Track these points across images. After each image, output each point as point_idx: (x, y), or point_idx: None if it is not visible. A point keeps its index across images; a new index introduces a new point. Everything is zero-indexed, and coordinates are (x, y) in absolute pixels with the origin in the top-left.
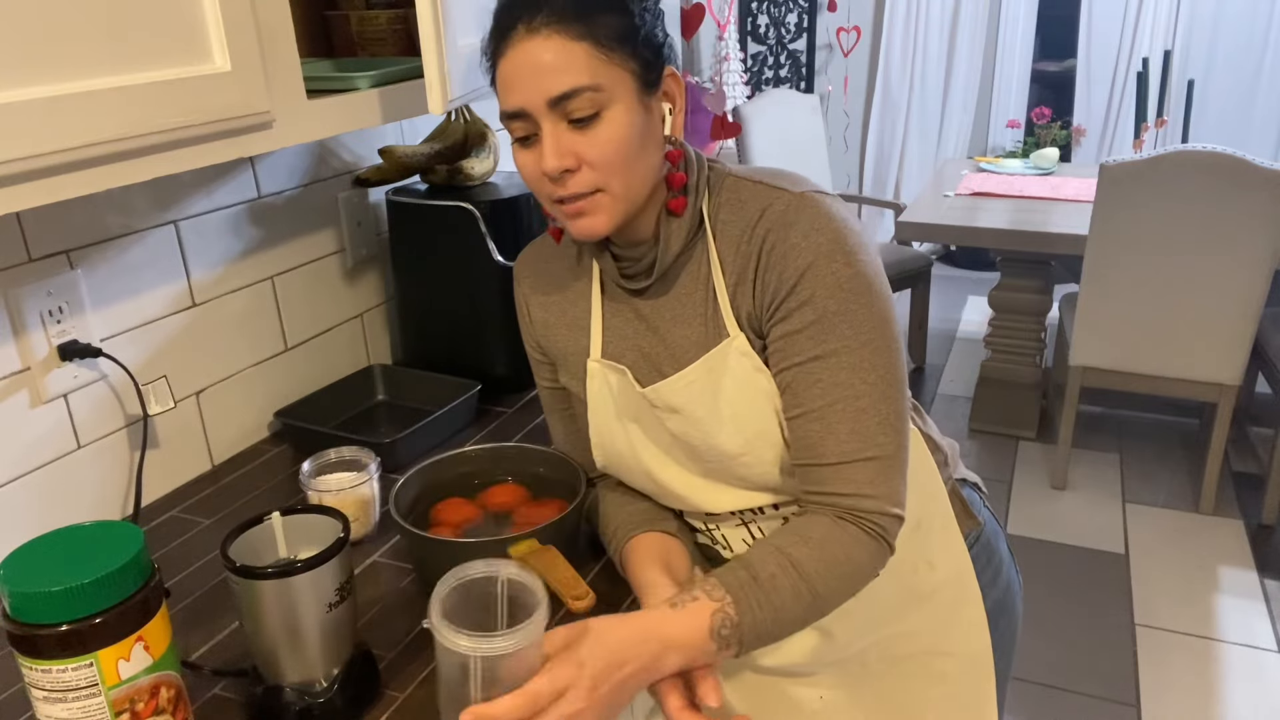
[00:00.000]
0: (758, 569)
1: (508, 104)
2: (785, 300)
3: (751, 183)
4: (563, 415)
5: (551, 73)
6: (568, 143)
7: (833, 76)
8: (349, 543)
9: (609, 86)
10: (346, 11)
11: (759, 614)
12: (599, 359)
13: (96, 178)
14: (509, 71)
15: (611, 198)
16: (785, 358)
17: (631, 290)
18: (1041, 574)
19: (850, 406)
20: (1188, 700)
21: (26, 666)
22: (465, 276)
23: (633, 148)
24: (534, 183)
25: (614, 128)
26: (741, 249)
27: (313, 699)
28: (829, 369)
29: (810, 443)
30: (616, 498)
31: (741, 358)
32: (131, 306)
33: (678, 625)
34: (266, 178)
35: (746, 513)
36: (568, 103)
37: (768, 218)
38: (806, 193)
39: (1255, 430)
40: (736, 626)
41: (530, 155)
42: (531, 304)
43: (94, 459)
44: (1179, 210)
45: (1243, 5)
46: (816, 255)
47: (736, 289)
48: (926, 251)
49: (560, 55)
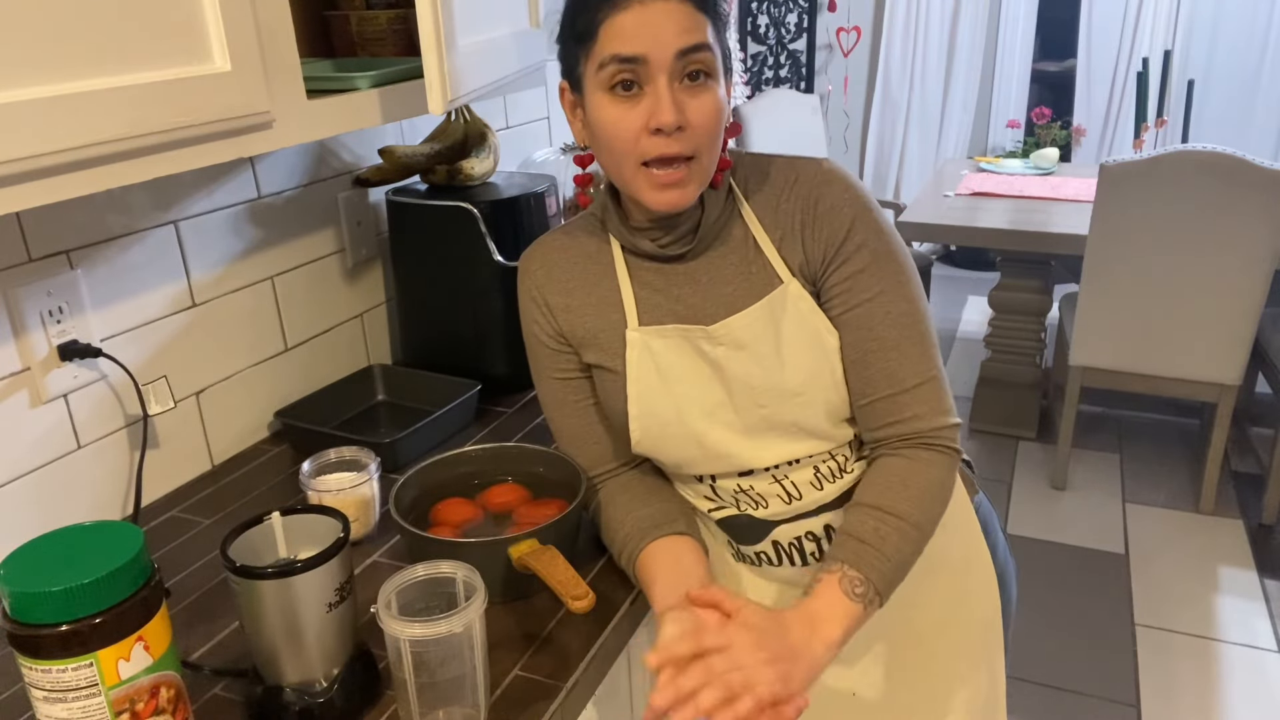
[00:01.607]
0: (859, 530)
1: (628, 49)
2: (843, 246)
3: (769, 157)
4: (575, 408)
5: (683, 30)
6: (679, 101)
7: (833, 76)
8: (349, 543)
9: (719, 57)
10: (346, 11)
11: (879, 565)
12: (638, 328)
13: (96, 178)
14: (634, 21)
15: (701, 169)
16: (852, 296)
17: (668, 257)
18: (1041, 574)
19: (915, 332)
20: (1188, 700)
21: (26, 666)
22: (465, 276)
23: (722, 120)
24: (629, 138)
25: (715, 96)
26: (782, 208)
27: (313, 699)
28: (894, 300)
29: (890, 370)
30: (622, 503)
31: (798, 300)
32: (131, 306)
33: (814, 600)
34: (266, 178)
35: (780, 467)
36: (693, 56)
37: (803, 181)
38: (826, 161)
39: (1255, 430)
40: (865, 581)
41: (627, 109)
42: (549, 293)
43: (94, 459)
44: (1179, 210)
45: (1243, 5)
46: (858, 208)
47: (783, 243)
48: (926, 251)
49: (690, 18)
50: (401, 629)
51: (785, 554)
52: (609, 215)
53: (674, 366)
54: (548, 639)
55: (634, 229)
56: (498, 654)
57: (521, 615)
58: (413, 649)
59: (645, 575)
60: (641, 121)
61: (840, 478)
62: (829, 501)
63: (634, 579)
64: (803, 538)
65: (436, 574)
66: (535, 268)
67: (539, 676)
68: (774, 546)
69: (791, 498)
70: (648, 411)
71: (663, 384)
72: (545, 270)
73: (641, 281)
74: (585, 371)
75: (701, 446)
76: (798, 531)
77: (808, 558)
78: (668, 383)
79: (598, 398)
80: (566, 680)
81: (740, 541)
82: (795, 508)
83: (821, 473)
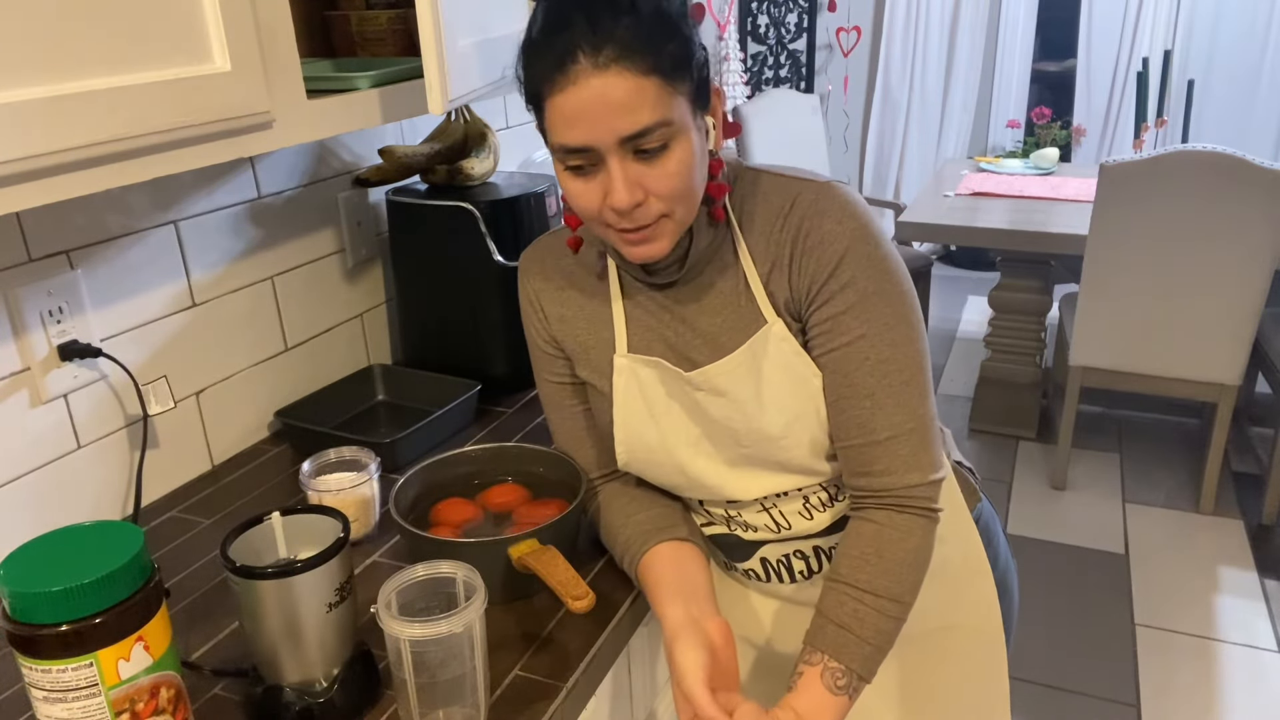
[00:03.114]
0: (837, 615)
1: (572, 139)
2: (826, 284)
3: (771, 175)
4: (571, 411)
5: (623, 111)
6: (634, 175)
7: (833, 76)
8: (349, 543)
9: (676, 119)
10: (346, 11)
11: (860, 650)
12: (626, 354)
13: (96, 178)
14: (573, 107)
15: (674, 223)
16: (831, 338)
17: (657, 284)
18: (1041, 574)
19: (895, 380)
20: (1188, 700)
21: (26, 666)
22: (465, 276)
23: (696, 174)
24: (591, 213)
25: (680, 158)
26: (774, 237)
27: (313, 699)
28: (874, 346)
29: (861, 420)
30: (622, 506)
31: (781, 342)
32: (131, 306)
33: (801, 701)
34: (266, 178)
35: (769, 497)
36: (640, 140)
37: (799, 207)
38: (830, 182)
39: (1255, 430)
40: (847, 671)
41: (587, 186)
42: (544, 299)
43: (94, 459)
44: (1179, 210)
45: (1243, 5)
46: (851, 240)
47: (770, 276)
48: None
49: (632, 93)
50: (401, 629)
51: (774, 571)
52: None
53: (660, 398)
54: (548, 639)
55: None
56: (498, 654)
57: (521, 615)
58: (413, 649)
59: (648, 581)
60: (600, 198)
61: (831, 506)
62: (819, 530)
63: (636, 583)
64: (791, 555)
65: (436, 574)
66: (534, 271)
67: (539, 676)
68: (762, 564)
69: (780, 527)
70: (633, 436)
71: (648, 412)
72: (543, 276)
73: (634, 303)
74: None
75: (685, 475)
76: (786, 550)
77: (796, 575)
78: (654, 412)
79: None
80: (566, 680)
81: (729, 557)
82: (784, 535)
83: (811, 503)
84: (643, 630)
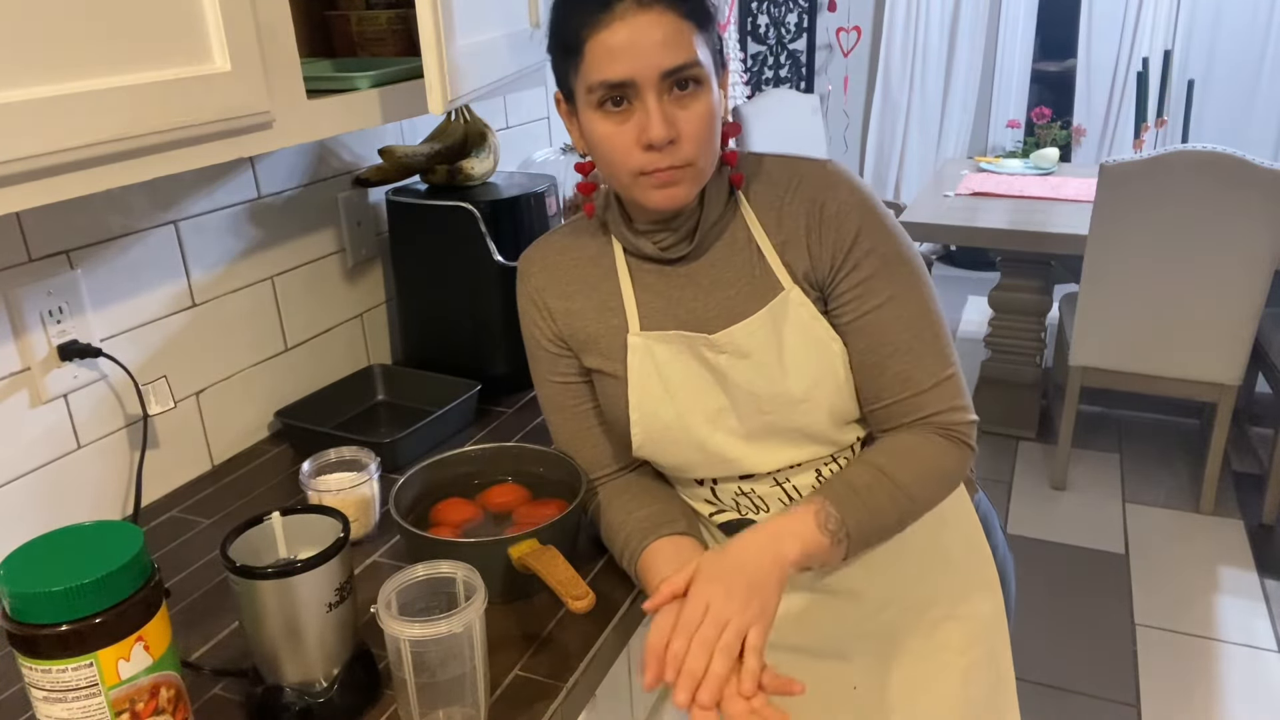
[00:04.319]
0: (853, 479)
1: (614, 73)
2: (850, 252)
3: (772, 156)
4: (572, 412)
5: (665, 47)
6: (669, 114)
7: (833, 76)
8: (349, 543)
9: (705, 65)
10: (346, 11)
11: (859, 514)
12: (640, 333)
13: (96, 178)
14: (618, 41)
15: (697, 170)
16: (864, 302)
17: (668, 260)
18: (1041, 574)
19: (928, 334)
20: (1188, 700)
21: (26, 666)
22: (465, 276)
23: (716, 124)
24: (623, 152)
25: (707, 103)
26: (785, 211)
27: (312, 699)
28: (904, 305)
29: (905, 375)
30: (622, 504)
31: (799, 308)
32: (131, 306)
33: (785, 518)
34: (266, 178)
35: (783, 471)
36: (678, 73)
37: (807, 183)
38: (830, 161)
39: (1255, 430)
40: (841, 522)
41: (620, 128)
42: (548, 296)
43: (94, 459)
44: (1179, 210)
45: (1243, 5)
46: (865, 211)
47: (785, 247)
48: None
49: (672, 32)
50: (401, 629)
51: None
52: (611, 216)
53: (676, 372)
54: (548, 639)
55: (636, 231)
56: (498, 654)
57: (521, 615)
58: (413, 649)
59: (647, 575)
60: (633, 136)
61: None
62: None
63: (636, 580)
64: None
65: (436, 574)
66: (535, 270)
67: (539, 676)
68: None
69: (793, 501)
70: (649, 416)
71: (664, 389)
72: (546, 273)
73: (643, 285)
74: (585, 375)
75: (703, 451)
76: None
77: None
78: (669, 388)
79: (597, 401)
80: (566, 680)
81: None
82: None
83: (824, 475)
84: (643, 630)
